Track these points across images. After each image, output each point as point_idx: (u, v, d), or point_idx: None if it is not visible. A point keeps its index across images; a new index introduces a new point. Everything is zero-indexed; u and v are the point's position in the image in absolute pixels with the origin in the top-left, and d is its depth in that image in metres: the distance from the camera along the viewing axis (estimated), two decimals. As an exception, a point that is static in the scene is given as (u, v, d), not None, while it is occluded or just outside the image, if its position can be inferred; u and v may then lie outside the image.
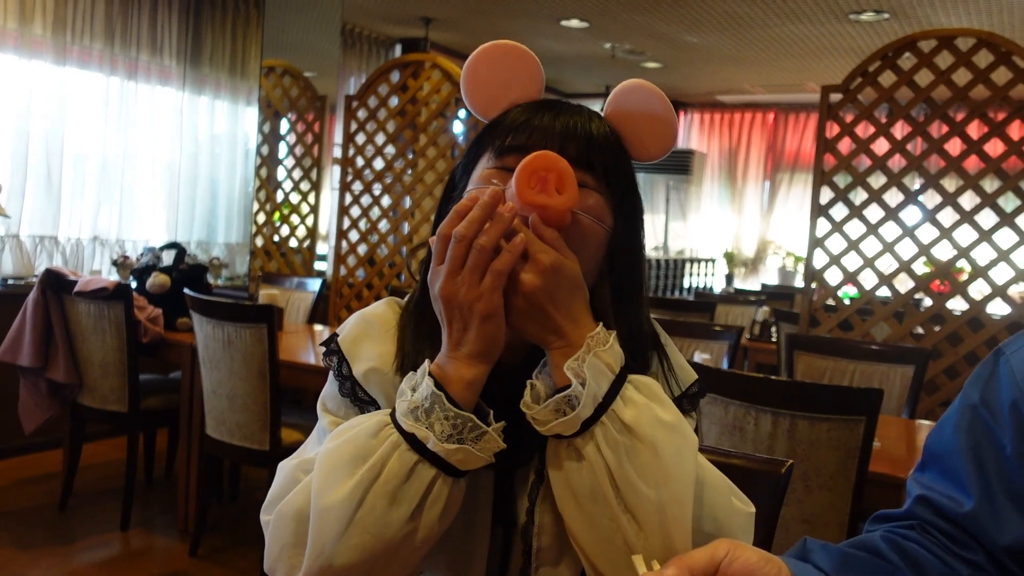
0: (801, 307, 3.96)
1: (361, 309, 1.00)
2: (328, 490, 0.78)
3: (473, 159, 0.92)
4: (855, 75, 3.68)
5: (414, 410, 0.79)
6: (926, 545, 0.84)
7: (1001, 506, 0.81)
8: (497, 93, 0.92)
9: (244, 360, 2.89)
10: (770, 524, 1.19)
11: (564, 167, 0.81)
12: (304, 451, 0.92)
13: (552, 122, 0.87)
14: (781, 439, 2.06)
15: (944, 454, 0.86)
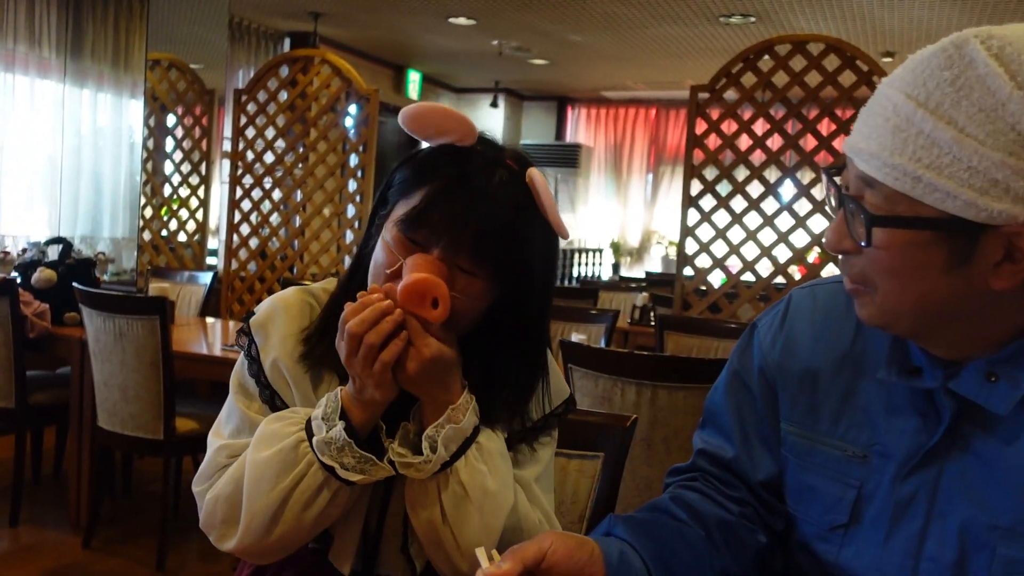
0: (675, 292, 4.25)
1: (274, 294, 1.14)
2: (258, 496, 1.00)
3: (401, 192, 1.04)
4: (720, 76, 3.98)
5: (328, 443, 0.99)
6: (704, 491, 1.04)
7: (755, 449, 1.03)
8: (432, 135, 1.06)
9: (136, 352, 2.94)
10: (616, 470, 1.39)
11: (441, 290, 0.96)
12: (220, 427, 1.10)
13: (457, 216, 0.98)
14: (644, 407, 2.29)
15: (716, 412, 1.08)
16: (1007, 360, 0.83)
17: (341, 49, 7.64)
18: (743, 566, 1.00)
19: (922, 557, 0.87)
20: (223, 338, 3.76)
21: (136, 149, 5.42)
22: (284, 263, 4.84)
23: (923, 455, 0.88)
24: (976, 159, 0.75)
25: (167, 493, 3.07)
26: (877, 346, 0.93)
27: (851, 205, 0.84)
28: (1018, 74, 0.75)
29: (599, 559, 0.88)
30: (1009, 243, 0.77)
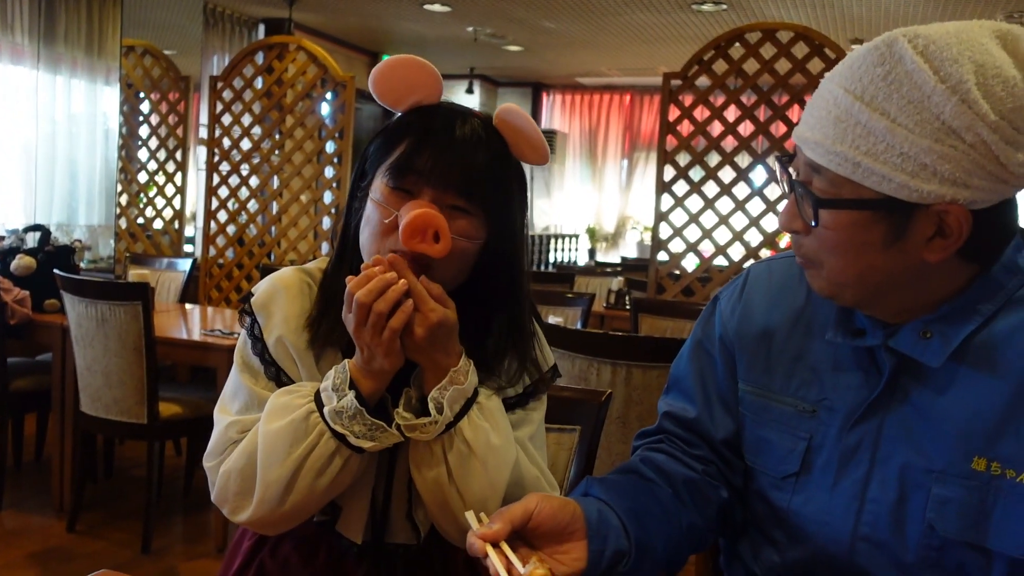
0: (649, 276, 4.34)
1: (272, 274, 1.19)
2: (271, 466, 1.04)
3: (380, 155, 1.09)
4: (692, 63, 4.05)
5: (339, 413, 1.02)
6: (670, 452, 1.12)
7: (716, 410, 1.12)
8: (402, 95, 1.11)
9: (119, 337, 2.98)
10: (592, 443, 1.46)
11: (440, 223, 1.01)
12: (225, 404, 1.14)
13: (440, 157, 1.04)
14: (619, 386, 2.36)
15: (681, 378, 1.16)
16: (940, 319, 0.92)
17: (316, 35, 7.64)
18: (707, 519, 1.08)
19: (866, 499, 0.96)
20: (202, 323, 3.80)
21: (111, 136, 5.41)
22: (262, 250, 4.86)
23: (866, 407, 0.97)
24: (907, 146, 0.84)
25: (151, 476, 3.11)
26: (825, 311, 1.02)
27: (800, 189, 0.92)
28: (940, 70, 0.83)
29: (580, 518, 0.95)
30: (939, 220, 0.86)
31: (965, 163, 0.83)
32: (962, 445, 0.91)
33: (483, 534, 0.89)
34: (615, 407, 2.38)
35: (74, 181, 5.32)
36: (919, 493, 0.93)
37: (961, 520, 0.91)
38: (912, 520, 0.93)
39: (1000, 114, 0.82)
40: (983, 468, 0.90)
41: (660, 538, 1.01)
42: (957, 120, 0.83)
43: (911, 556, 0.93)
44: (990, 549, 0.90)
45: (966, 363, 0.92)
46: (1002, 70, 0.83)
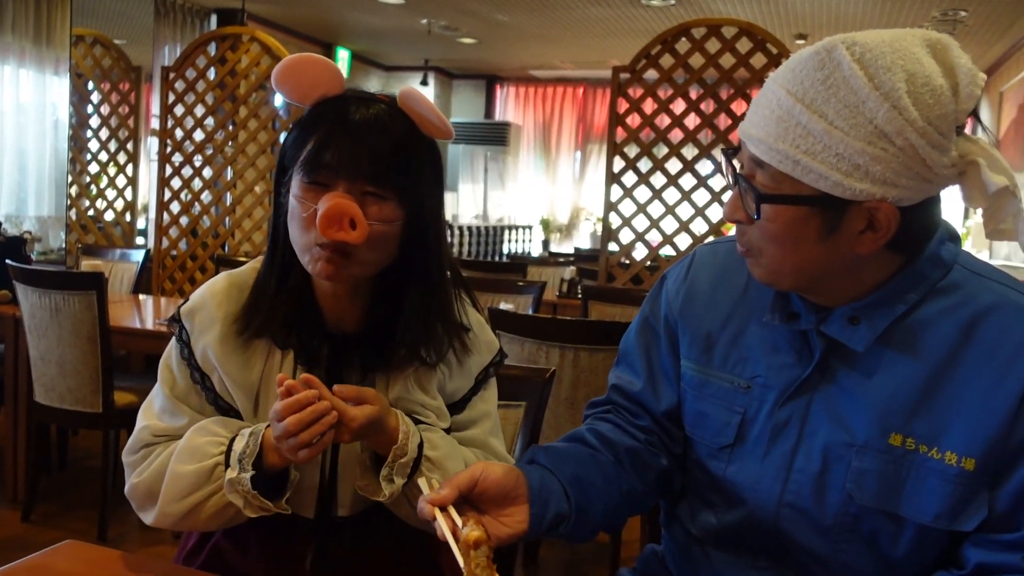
0: (600, 265, 4.44)
1: (206, 282, 1.28)
2: (172, 502, 1.16)
3: (295, 152, 1.15)
4: (640, 57, 4.16)
5: (233, 483, 1.12)
6: (615, 422, 1.21)
7: (659, 383, 1.20)
8: (306, 91, 1.17)
9: (74, 327, 2.99)
10: (538, 416, 1.55)
11: (354, 211, 1.07)
12: (151, 404, 1.24)
13: (348, 148, 1.10)
14: (567, 368, 2.46)
15: (629, 352, 1.25)
16: (867, 306, 1.01)
17: (269, 26, 7.61)
18: (647, 485, 1.17)
19: (792, 470, 1.05)
20: (156, 313, 3.81)
21: (61, 126, 5.36)
22: (216, 241, 4.87)
23: (797, 385, 1.05)
24: (842, 147, 0.91)
25: (107, 465, 3.13)
26: (764, 295, 1.11)
27: (743, 183, 0.99)
28: (875, 77, 0.91)
29: (523, 483, 1.03)
30: (870, 216, 0.95)
31: (895, 164, 0.91)
32: (881, 422, 0.99)
33: (432, 499, 0.96)
34: (564, 388, 2.47)
35: (23, 172, 5.26)
36: (840, 465, 1.01)
37: (877, 490, 0.99)
38: (833, 489, 1.02)
39: (927, 120, 0.90)
40: (899, 443, 0.98)
41: (600, 502, 1.09)
42: (889, 125, 0.90)
43: (830, 521, 1.02)
44: (902, 516, 0.98)
45: (890, 347, 1.00)
46: (931, 79, 0.91)
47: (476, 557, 0.91)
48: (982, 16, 6.22)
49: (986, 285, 1.01)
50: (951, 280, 1.01)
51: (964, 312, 0.99)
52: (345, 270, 1.13)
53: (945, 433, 0.97)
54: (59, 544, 1.17)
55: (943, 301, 1.00)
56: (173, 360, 1.23)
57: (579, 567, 3.12)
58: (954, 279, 1.01)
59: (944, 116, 0.91)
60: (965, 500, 0.96)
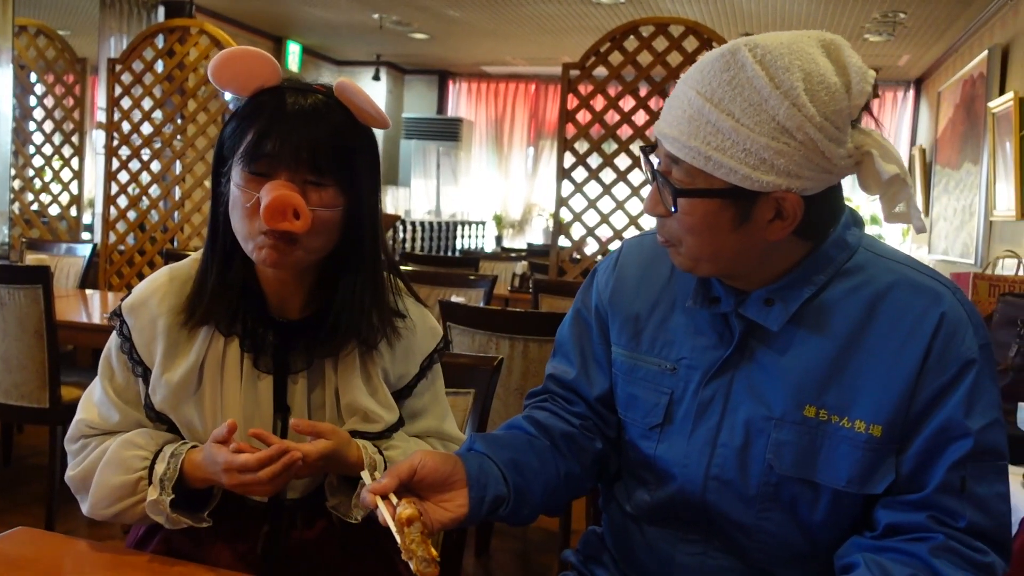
0: (551, 260, 4.50)
1: (146, 278, 1.30)
2: (98, 505, 1.21)
3: (234, 141, 1.18)
4: (590, 54, 4.22)
5: (155, 504, 1.16)
6: (552, 409, 1.26)
7: (592, 370, 1.26)
8: (244, 83, 1.20)
9: (19, 321, 2.95)
10: (486, 403, 1.59)
11: (297, 202, 1.11)
12: (88, 394, 1.28)
13: (288, 137, 1.14)
14: (517, 359, 2.51)
15: (563, 343, 1.30)
16: (780, 289, 1.08)
17: (218, 19, 7.53)
18: (584, 468, 1.23)
19: (717, 444, 1.11)
20: (102, 308, 3.77)
21: (3, 119, 5.24)
22: (165, 235, 4.82)
23: (719, 365, 1.12)
24: (749, 143, 0.98)
25: (54, 461, 3.10)
26: (686, 283, 1.17)
27: (661, 179, 1.06)
28: (775, 76, 0.98)
29: (461, 469, 1.07)
30: (778, 205, 1.02)
31: (797, 157, 0.98)
32: (796, 396, 1.06)
33: (373, 488, 1.01)
34: (513, 379, 2.52)
35: (-37, 165, 5.14)
36: (760, 438, 1.08)
37: (794, 459, 1.06)
38: (754, 461, 1.08)
39: (824, 115, 0.98)
40: (813, 415, 1.05)
41: (538, 484, 1.15)
42: (789, 121, 0.97)
43: (753, 491, 1.08)
44: (817, 483, 1.05)
45: (802, 326, 1.07)
46: (825, 77, 0.98)
47: (410, 533, 0.97)
48: (920, 19, 6.41)
49: (887, 265, 1.08)
50: (856, 262, 1.08)
51: (867, 291, 1.07)
52: (289, 256, 1.16)
53: (854, 403, 1.04)
54: (11, 531, 1.19)
55: (849, 281, 1.08)
56: (113, 355, 1.26)
57: (529, 556, 3.18)
58: (858, 261, 1.09)
59: (839, 111, 0.99)
60: (874, 465, 1.03)
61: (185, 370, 1.22)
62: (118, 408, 1.24)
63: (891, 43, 7.25)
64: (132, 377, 1.25)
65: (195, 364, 1.23)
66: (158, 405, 1.23)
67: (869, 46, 7.43)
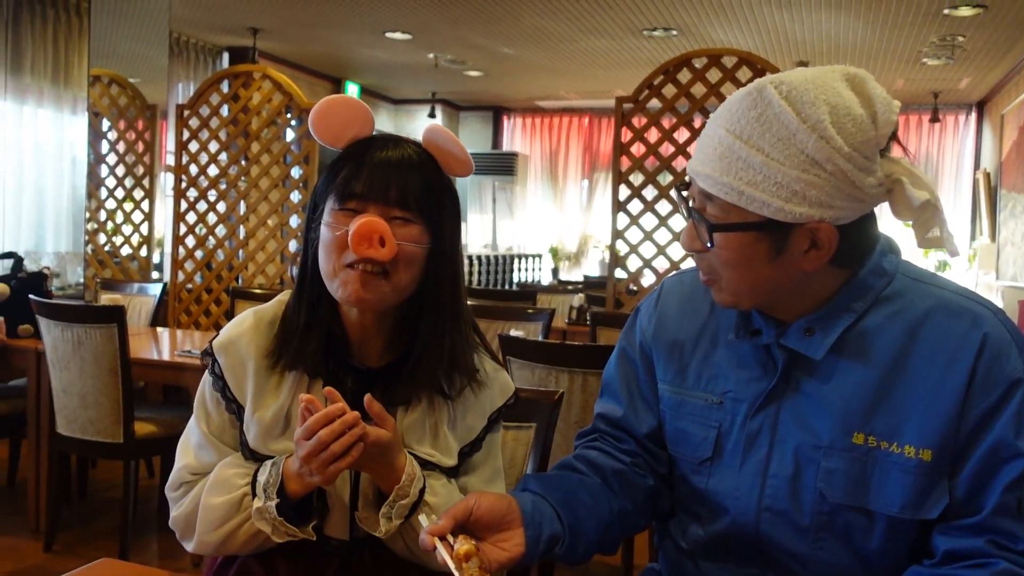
0: (608, 292, 4.51)
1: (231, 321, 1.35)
2: (207, 532, 1.23)
3: (326, 187, 1.24)
4: (643, 87, 4.25)
5: (261, 512, 1.19)
6: (602, 448, 1.28)
7: (639, 408, 1.27)
8: (340, 132, 1.26)
9: (95, 359, 3.07)
10: (548, 437, 1.61)
11: (384, 228, 1.16)
12: (188, 442, 1.31)
13: (378, 176, 1.20)
14: (577, 393, 2.52)
15: (609, 381, 1.32)
16: (820, 318, 1.09)
17: (280, 63, 7.77)
18: (637, 505, 1.24)
19: (767, 475, 1.12)
20: (172, 345, 3.89)
21: (79, 164, 5.49)
22: (231, 274, 4.96)
23: (765, 396, 1.13)
24: (780, 176, 1.01)
25: (127, 494, 3.20)
26: (727, 316, 1.19)
27: (696, 216, 1.08)
28: (801, 111, 1.01)
29: (516, 509, 1.10)
30: (812, 235, 1.04)
31: (828, 188, 1.00)
32: (844, 423, 1.07)
33: (431, 529, 1.03)
34: (573, 412, 2.53)
35: (42, 209, 5.38)
36: (811, 467, 1.08)
37: (846, 487, 1.06)
38: (806, 490, 1.09)
39: (852, 146, 1.00)
40: (861, 442, 1.06)
41: (591, 522, 1.16)
42: (818, 153, 1.00)
43: (806, 520, 1.09)
44: (871, 510, 1.06)
45: (844, 354, 1.08)
46: (851, 109, 1.01)
47: (469, 569, 1.00)
48: (979, 41, 6.31)
49: (926, 290, 1.09)
50: (894, 288, 1.10)
51: (907, 316, 1.08)
52: (374, 292, 1.19)
53: (902, 428, 1.05)
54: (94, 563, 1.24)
55: (888, 307, 1.09)
56: (207, 395, 1.30)
57: (592, 590, 3.16)
58: (897, 287, 1.10)
59: (866, 142, 1.01)
60: (926, 489, 1.03)
61: (275, 411, 1.26)
62: (216, 448, 1.28)
63: (950, 66, 7.14)
64: (227, 416, 1.28)
65: (283, 405, 1.26)
66: (252, 443, 1.26)
67: (928, 70, 7.32)
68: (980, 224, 8.23)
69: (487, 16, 6.14)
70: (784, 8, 5.63)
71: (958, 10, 5.53)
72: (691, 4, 5.63)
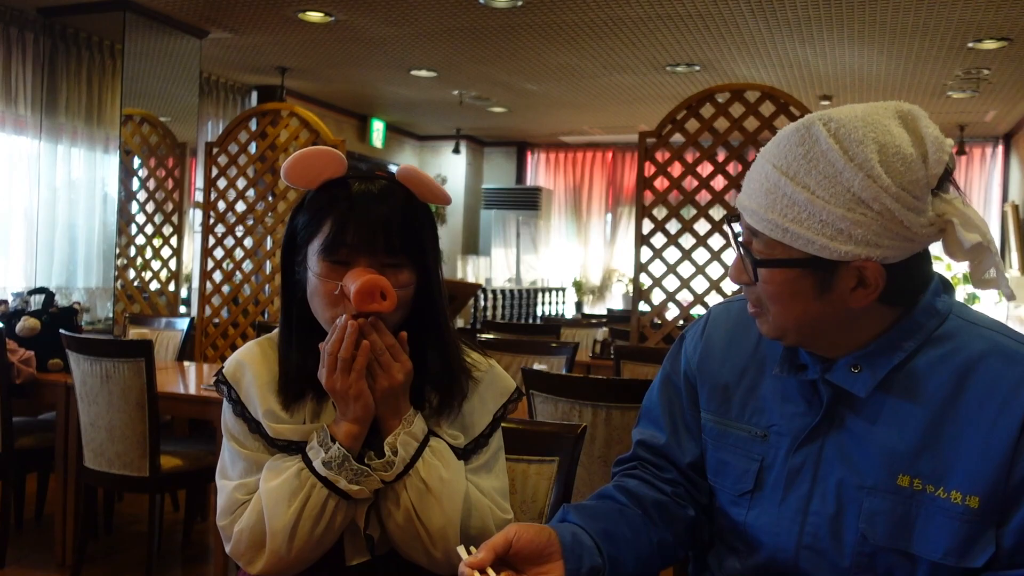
0: (631, 325, 4.50)
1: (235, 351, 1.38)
2: (275, 517, 1.22)
3: (308, 230, 1.27)
4: (666, 122, 4.27)
5: (327, 463, 1.21)
6: (642, 477, 1.27)
7: (682, 437, 1.27)
8: (313, 178, 1.29)
9: (123, 393, 3.10)
10: (571, 471, 1.60)
11: (385, 284, 1.20)
12: (226, 471, 1.32)
13: (362, 225, 1.23)
14: (600, 427, 2.51)
15: (651, 408, 1.31)
16: (866, 356, 1.08)
17: (307, 100, 7.90)
18: (677, 536, 1.22)
19: (809, 512, 1.10)
20: (199, 379, 3.92)
21: (110, 201, 5.59)
22: (257, 308, 5.00)
23: (808, 432, 1.11)
24: (825, 214, 1.00)
25: (153, 526, 3.21)
26: (773, 349, 1.18)
27: (743, 250, 1.08)
28: (849, 150, 1.00)
29: (556, 541, 1.08)
30: (859, 274, 1.03)
31: (875, 227, 0.99)
32: (889, 464, 1.05)
33: (469, 562, 1.02)
34: (597, 447, 2.52)
35: (73, 245, 5.48)
36: (853, 506, 1.07)
37: (889, 529, 1.04)
38: (847, 530, 1.07)
39: (900, 185, 0.99)
40: (907, 484, 1.04)
41: (631, 553, 1.15)
42: (865, 192, 0.99)
43: (847, 561, 1.07)
44: (914, 554, 1.03)
45: (892, 393, 1.06)
46: (901, 148, 1.00)
47: None
48: (1005, 74, 6.29)
49: (979, 332, 1.07)
50: (946, 329, 1.08)
51: (959, 358, 1.05)
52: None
53: (949, 473, 1.02)
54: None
55: (939, 348, 1.07)
56: (230, 422, 1.32)
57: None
58: (949, 328, 1.08)
59: (916, 181, 1.00)
60: (972, 537, 1.01)
61: (292, 428, 1.29)
62: (257, 462, 1.29)
63: (976, 99, 7.11)
64: (254, 437, 1.30)
65: (298, 422, 1.30)
66: (275, 433, 1.29)
67: (953, 103, 7.30)
68: (1010, 257, 8.14)
69: (511, 53, 6.22)
70: (807, 43, 5.65)
71: (982, 43, 5.52)
72: (714, 40, 5.66)
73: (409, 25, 5.66)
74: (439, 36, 5.88)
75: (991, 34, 5.34)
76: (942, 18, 5.06)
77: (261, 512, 1.23)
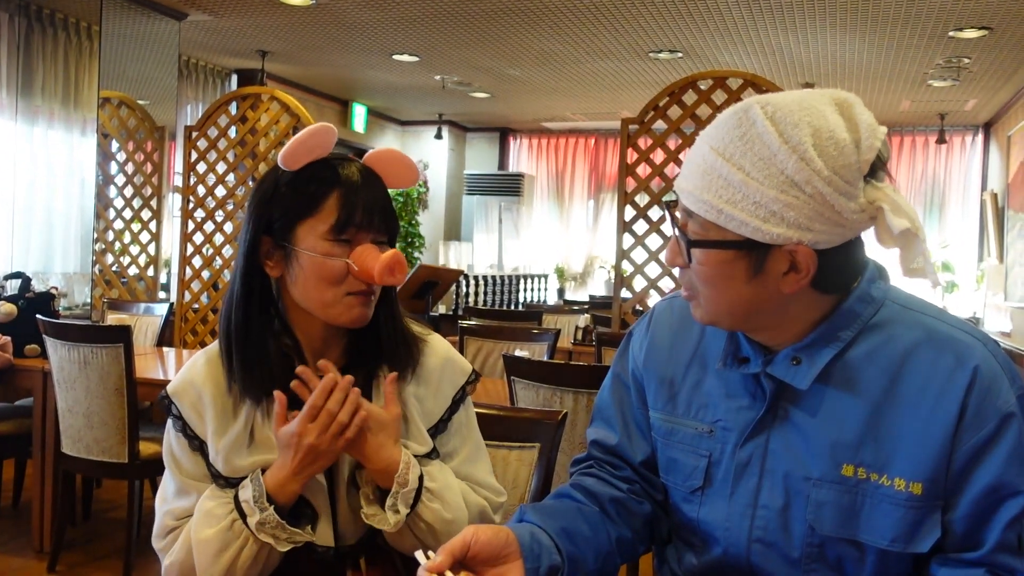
0: (613, 312, 4.51)
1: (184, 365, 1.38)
2: (207, 568, 1.22)
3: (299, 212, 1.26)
4: (649, 108, 4.27)
5: (262, 524, 1.21)
6: (598, 475, 1.27)
7: (633, 435, 1.27)
8: (302, 158, 1.27)
9: (101, 379, 3.08)
10: (551, 457, 1.61)
11: (402, 258, 1.25)
12: (165, 490, 1.33)
13: (369, 207, 1.27)
14: (581, 413, 2.52)
15: (603, 408, 1.31)
16: (805, 347, 1.08)
17: (288, 85, 7.83)
18: (635, 532, 1.23)
19: (758, 506, 1.11)
20: (178, 365, 3.90)
21: (88, 185, 5.52)
22: (237, 293, 4.97)
23: (754, 426, 1.12)
24: (759, 196, 1.00)
25: (131, 514, 3.19)
26: (716, 344, 1.18)
27: (677, 231, 1.08)
28: (785, 132, 0.99)
29: (514, 541, 1.08)
30: (791, 258, 1.02)
31: (806, 211, 0.99)
32: (833, 455, 1.06)
33: (428, 567, 1.02)
34: (577, 433, 2.53)
35: (51, 230, 5.41)
36: (800, 498, 1.07)
37: (836, 519, 1.05)
38: (796, 522, 1.08)
39: (832, 169, 0.98)
40: (851, 474, 1.05)
41: (590, 551, 1.15)
42: (798, 175, 0.98)
43: (797, 553, 1.08)
44: (862, 542, 1.04)
45: (831, 384, 1.07)
46: (835, 133, 0.99)
47: None
48: (985, 63, 6.33)
49: (915, 319, 1.08)
50: (883, 316, 1.08)
51: (897, 345, 1.06)
52: (370, 309, 1.29)
53: (892, 461, 1.03)
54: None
55: (876, 337, 1.07)
56: (173, 441, 1.31)
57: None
58: (885, 315, 1.08)
59: (848, 166, 0.99)
60: (917, 523, 1.02)
61: (237, 431, 1.28)
62: (194, 490, 1.28)
63: (956, 88, 7.16)
64: (194, 456, 1.29)
65: (246, 422, 1.29)
66: (222, 470, 1.27)
67: (934, 91, 7.34)
68: (988, 245, 8.22)
69: (494, 38, 6.19)
70: (789, 30, 5.66)
71: (963, 32, 5.55)
72: (697, 27, 5.66)
73: (391, 9, 5.62)
74: (421, 20, 5.84)
75: (972, 23, 5.37)
76: (923, 6, 5.09)
77: (191, 551, 1.24)
